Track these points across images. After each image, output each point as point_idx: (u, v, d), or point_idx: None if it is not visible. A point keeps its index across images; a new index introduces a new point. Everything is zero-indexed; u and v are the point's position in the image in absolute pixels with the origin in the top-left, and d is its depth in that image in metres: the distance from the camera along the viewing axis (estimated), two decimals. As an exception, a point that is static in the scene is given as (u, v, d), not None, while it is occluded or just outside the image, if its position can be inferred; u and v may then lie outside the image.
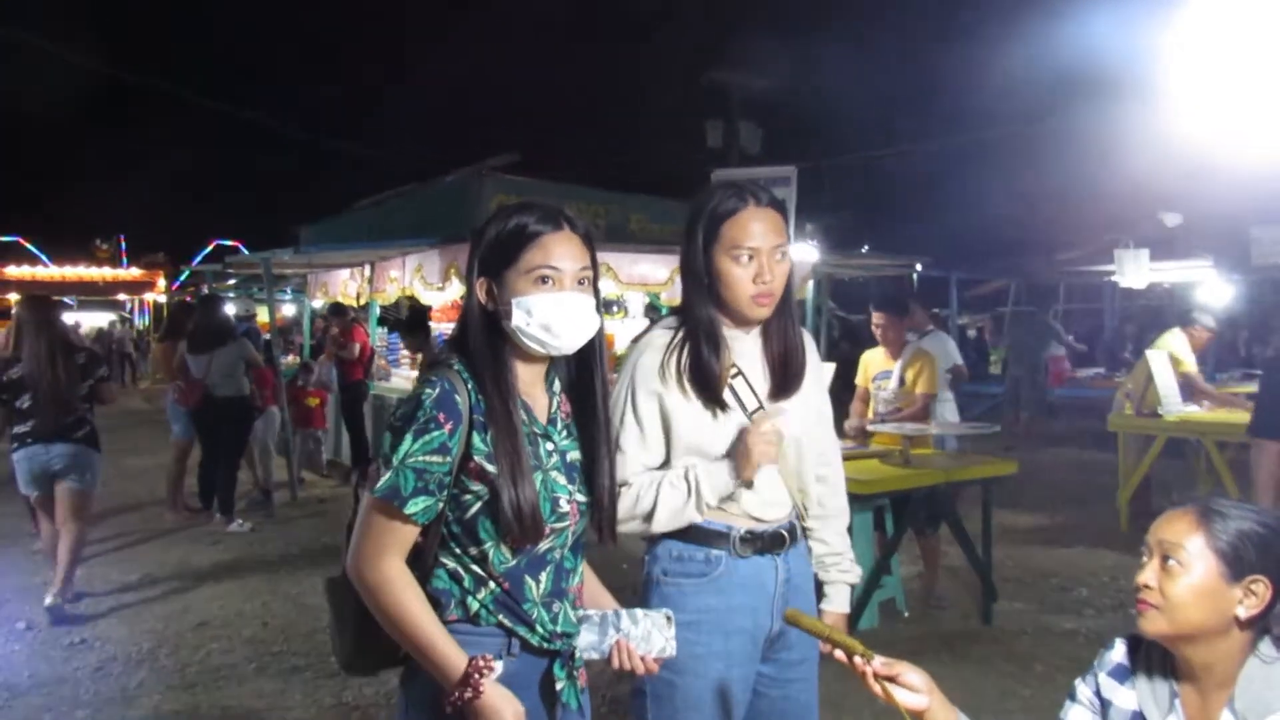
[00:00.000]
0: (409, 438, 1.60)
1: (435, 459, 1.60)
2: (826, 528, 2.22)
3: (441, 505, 1.63)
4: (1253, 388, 8.45)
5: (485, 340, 1.68)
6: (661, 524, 1.99)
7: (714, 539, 2.04)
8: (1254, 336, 14.79)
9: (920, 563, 5.60)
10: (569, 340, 1.70)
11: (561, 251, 1.68)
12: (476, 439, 1.64)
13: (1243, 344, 14.52)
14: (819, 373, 2.21)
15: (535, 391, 1.76)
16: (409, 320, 7.82)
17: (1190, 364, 7.08)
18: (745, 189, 2.01)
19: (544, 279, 1.67)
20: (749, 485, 1.99)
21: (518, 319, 1.67)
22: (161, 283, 28.00)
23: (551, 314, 1.66)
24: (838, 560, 2.23)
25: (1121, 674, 1.63)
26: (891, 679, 1.51)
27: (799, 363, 2.10)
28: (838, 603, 2.24)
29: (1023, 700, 4.14)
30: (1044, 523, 7.49)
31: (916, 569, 5.68)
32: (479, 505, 1.65)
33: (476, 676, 1.57)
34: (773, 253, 1.99)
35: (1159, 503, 7.36)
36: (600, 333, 1.79)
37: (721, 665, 2.02)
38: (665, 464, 2.05)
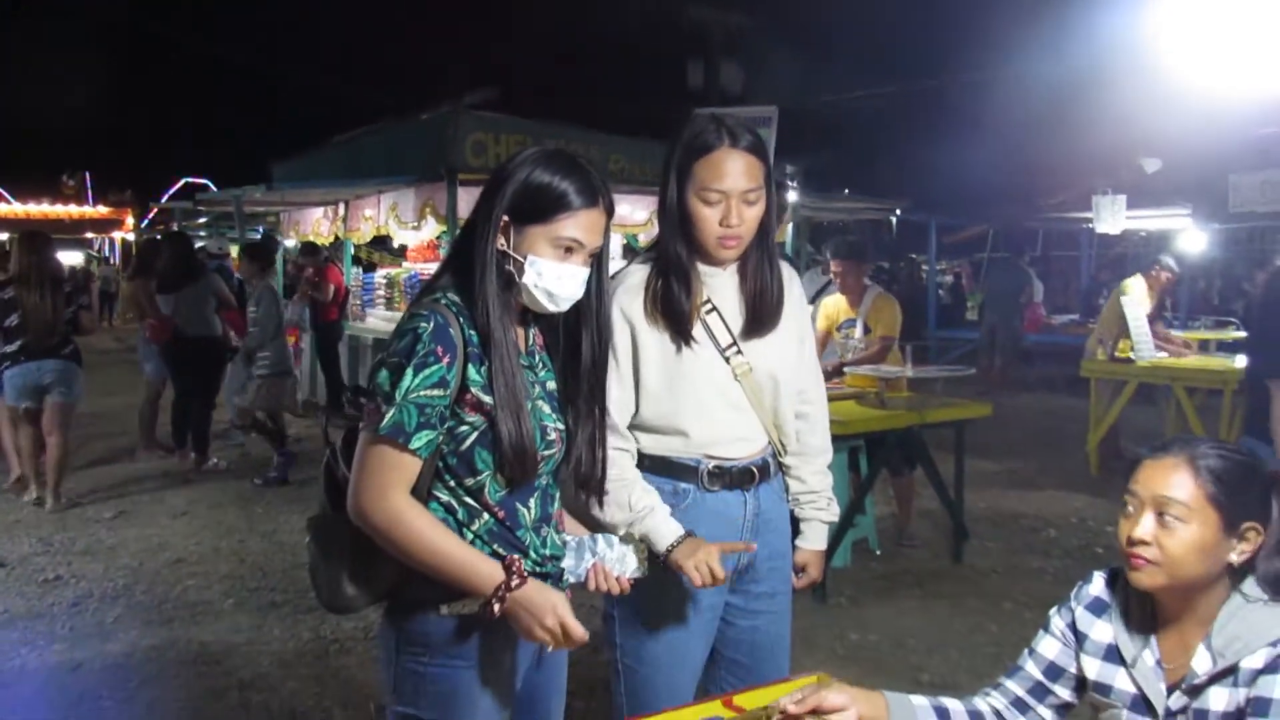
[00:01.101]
0: (409, 373, 1.58)
1: (436, 393, 1.59)
2: (804, 466, 2.23)
3: (440, 438, 1.63)
4: (1225, 335, 8.56)
5: (496, 278, 1.67)
6: (608, 516, 1.99)
7: (682, 472, 2.05)
8: (1228, 285, 14.94)
9: (894, 503, 5.68)
10: (561, 307, 1.73)
11: (590, 228, 1.70)
12: (472, 371, 1.63)
13: (1216, 293, 14.67)
14: (801, 308, 2.19)
15: (514, 323, 1.76)
16: (254, 247, 7.66)
17: (1146, 307, 7.14)
18: (725, 126, 1.98)
19: (568, 249, 1.68)
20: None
21: (529, 276, 1.67)
22: (130, 221, 27.52)
23: (559, 284, 1.69)
24: (813, 499, 2.24)
25: (1098, 607, 1.64)
26: (814, 711, 1.51)
27: (775, 301, 2.08)
28: (812, 540, 2.26)
29: (990, 636, 4.23)
30: (1015, 466, 7.60)
31: (890, 509, 5.76)
32: (474, 436, 1.65)
33: (516, 578, 1.60)
34: (743, 196, 1.96)
35: (1127, 448, 7.48)
36: (603, 292, 1.80)
37: (687, 594, 2.04)
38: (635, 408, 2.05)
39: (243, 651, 4.06)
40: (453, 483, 1.67)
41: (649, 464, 2.05)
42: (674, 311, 2.01)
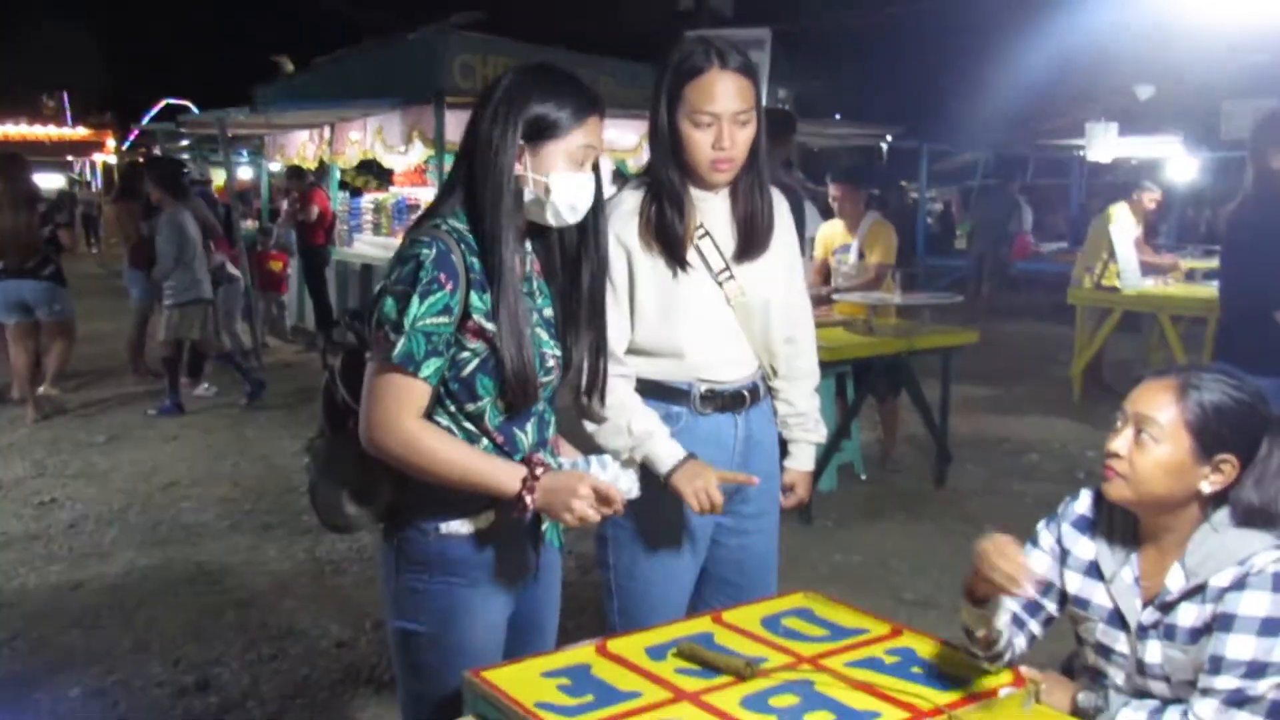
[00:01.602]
0: (415, 301, 1.60)
1: (441, 320, 1.61)
2: (793, 388, 2.26)
3: (446, 365, 1.66)
4: (1211, 264, 8.58)
5: (512, 206, 1.68)
6: (608, 441, 2.02)
7: (675, 395, 2.08)
8: (1215, 215, 14.91)
9: (879, 429, 5.75)
10: (580, 217, 1.74)
11: (597, 131, 1.72)
12: (474, 298, 1.65)
13: (1204, 222, 14.65)
14: (791, 233, 2.21)
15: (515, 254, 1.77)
16: (161, 172, 7.37)
17: (1134, 232, 7.17)
18: (714, 47, 1.96)
19: (581, 159, 1.70)
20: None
21: (557, 194, 1.68)
22: (111, 143, 27.02)
23: (579, 194, 1.71)
24: (801, 420, 2.28)
25: (1083, 525, 1.69)
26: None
27: (765, 225, 2.10)
28: (801, 460, 2.31)
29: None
30: (1000, 392, 7.69)
31: (875, 435, 5.84)
32: (476, 363, 1.67)
33: (539, 468, 1.65)
34: (735, 118, 1.95)
35: (1110, 375, 7.57)
36: (601, 199, 1.81)
37: (678, 514, 2.09)
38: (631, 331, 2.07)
39: (239, 572, 4.14)
40: (453, 408, 1.70)
41: (641, 388, 2.07)
42: (668, 237, 2.02)
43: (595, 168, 1.75)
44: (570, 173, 1.69)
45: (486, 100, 1.70)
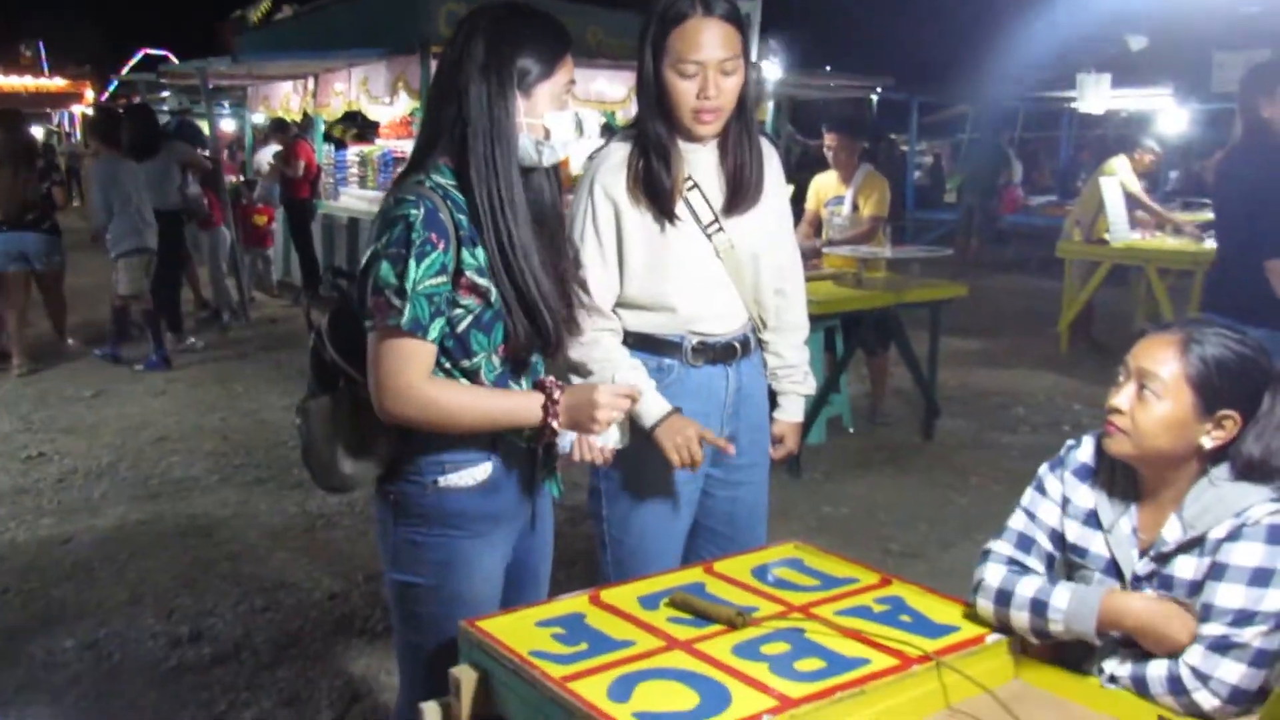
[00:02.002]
0: (413, 264, 1.58)
1: (439, 280, 1.60)
2: (782, 341, 2.26)
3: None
4: (1201, 217, 8.59)
5: (506, 152, 1.66)
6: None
7: (666, 348, 2.08)
8: (1202, 168, 14.88)
9: (867, 382, 5.78)
10: (564, 153, 1.76)
11: (573, 67, 1.74)
12: (466, 254, 1.63)
13: (1191, 175, 14.63)
14: (780, 185, 2.19)
15: None
16: (102, 122, 7.17)
17: (1135, 186, 7.16)
18: None
19: (563, 97, 1.72)
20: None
21: (557, 134, 1.70)
22: (89, 94, 26.56)
23: (570, 131, 1.72)
24: (790, 372, 2.28)
25: (1085, 473, 1.68)
26: None
27: (754, 176, 2.07)
28: (790, 412, 2.32)
29: (959, 508, 4.38)
30: (988, 345, 7.72)
31: (864, 388, 5.87)
32: (470, 319, 1.67)
33: (555, 390, 1.68)
34: (719, 66, 1.93)
35: (1098, 329, 7.61)
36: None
37: (669, 466, 2.09)
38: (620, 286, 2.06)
39: (231, 525, 4.15)
40: (448, 365, 1.69)
41: (633, 341, 2.07)
42: (657, 190, 2.00)
43: None
44: (557, 111, 1.70)
45: (465, 52, 1.65)
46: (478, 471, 1.72)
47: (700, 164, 2.05)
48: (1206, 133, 12.44)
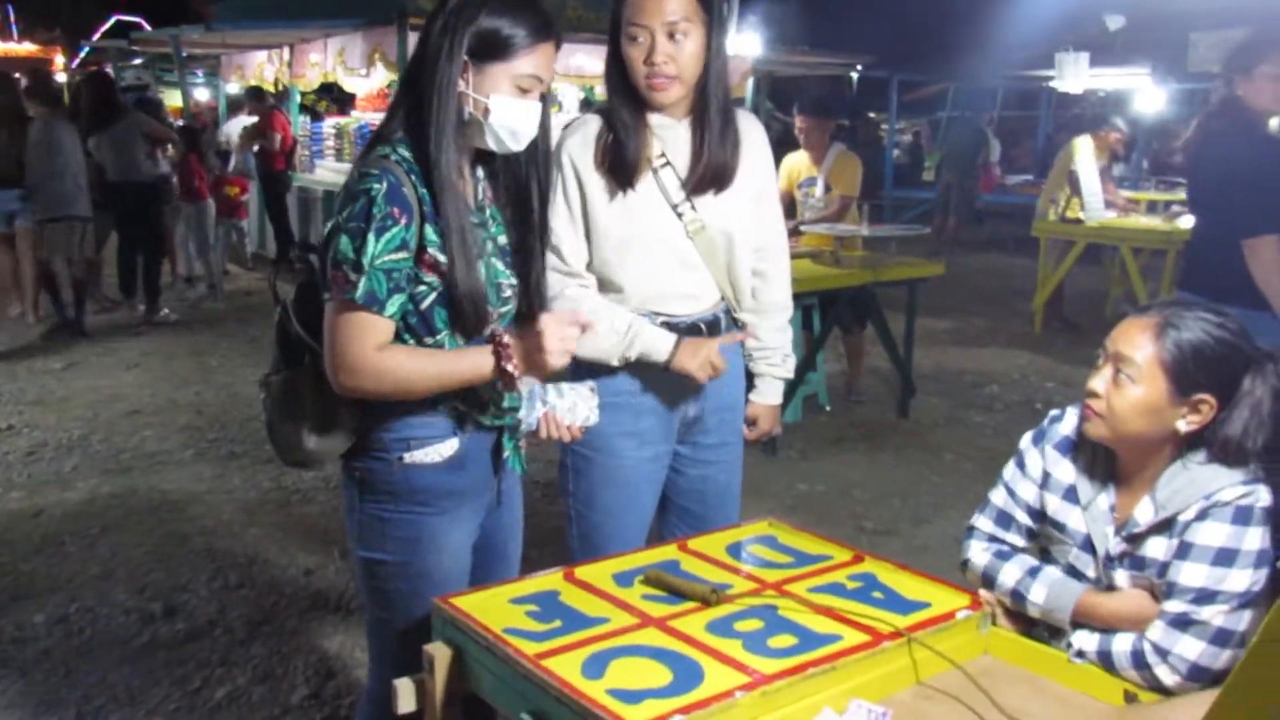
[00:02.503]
0: (372, 238, 1.56)
1: (400, 255, 1.59)
2: (762, 322, 2.24)
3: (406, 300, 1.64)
4: (1174, 196, 8.66)
5: (455, 124, 1.63)
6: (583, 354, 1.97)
7: None
8: (1170, 149, 14.96)
9: (844, 360, 5.80)
10: (522, 145, 1.71)
11: (548, 62, 1.68)
12: (429, 230, 1.62)
13: (1165, 153, 14.72)
14: (763, 162, 2.15)
15: (462, 179, 1.73)
16: (36, 87, 7.00)
17: (1092, 165, 7.21)
18: None
19: (526, 88, 1.66)
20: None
21: (495, 116, 1.64)
22: (60, 60, 26.05)
23: (522, 121, 1.67)
24: (768, 354, 2.27)
25: (1066, 446, 1.69)
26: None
27: (726, 155, 2.03)
28: (766, 394, 2.30)
29: (932, 486, 4.42)
30: (963, 324, 7.77)
31: (840, 366, 5.89)
32: (434, 296, 1.65)
33: (504, 340, 1.63)
34: (668, 29, 1.88)
35: (1072, 308, 7.67)
36: (547, 128, 1.77)
37: (634, 443, 2.10)
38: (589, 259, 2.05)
39: (205, 500, 4.13)
40: (412, 341, 1.68)
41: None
42: (621, 164, 1.97)
43: (543, 97, 1.71)
44: (513, 98, 1.65)
45: (438, 12, 1.64)
46: (444, 447, 1.71)
47: (675, 140, 2.02)
48: (1183, 111, 12.52)
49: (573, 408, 1.88)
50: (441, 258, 1.63)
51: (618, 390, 2.06)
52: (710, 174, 2.02)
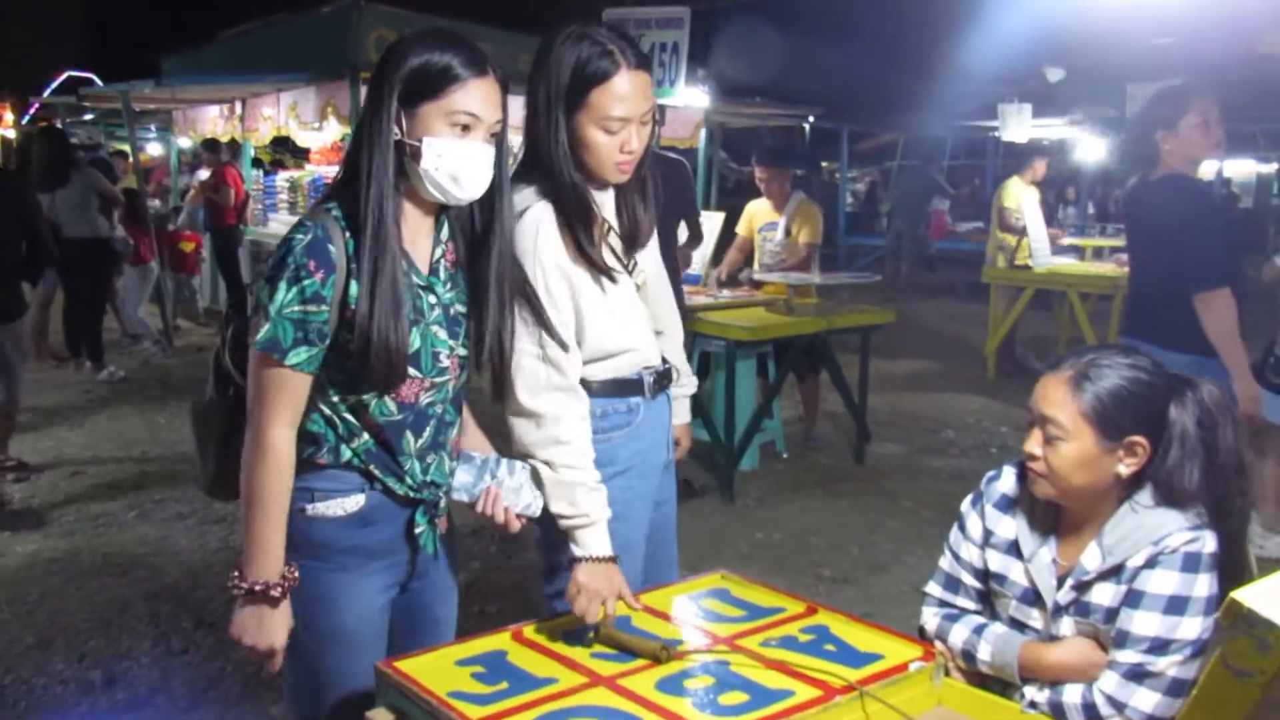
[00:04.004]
0: (282, 287, 1.54)
1: (311, 308, 1.55)
2: (668, 344, 2.21)
3: (324, 353, 1.59)
4: (1117, 242, 8.86)
5: (390, 172, 1.59)
6: (546, 492, 1.87)
7: (632, 388, 2.04)
8: (1114, 198, 15.40)
9: (800, 407, 5.82)
10: (470, 192, 1.64)
11: (484, 98, 1.61)
12: (355, 288, 1.58)
13: (1113, 201, 15.12)
14: (651, 201, 2.12)
15: (419, 239, 1.70)
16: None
17: (1020, 204, 7.44)
18: (612, 47, 1.85)
19: (464, 126, 1.60)
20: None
21: (428, 161, 1.59)
22: (9, 117, 25.79)
23: (461, 164, 1.61)
24: (677, 376, 2.25)
25: (1005, 504, 1.70)
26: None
27: (649, 208, 2.06)
28: (681, 414, 2.29)
29: (889, 532, 4.42)
30: (917, 370, 7.85)
31: (796, 413, 5.91)
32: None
33: (277, 589, 1.58)
34: (641, 119, 1.90)
35: (1025, 350, 7.79)
36: (506, 179, 1.73)
37: (649, 505, 2.08)
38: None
39: (149, 563, 4.01)
40: (336, 398, 1.64)
41: (598, 388, 2.00)
42: (588, 245, 1.93)
43: (499, 144, 1.67)
44: (450, 139, 1.59)
45: (378, 65, 1.63)
46: (349, 502, 1.66)
47: (606, 206, 2.02)
48: (1123, 161, 12.88)
49: (518, 490, 1.77)
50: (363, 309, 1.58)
51: (633, 454, 2.02)
52: (641, 228, 2.04)
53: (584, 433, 1.90)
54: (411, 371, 1.64)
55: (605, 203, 2.03)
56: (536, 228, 1.91)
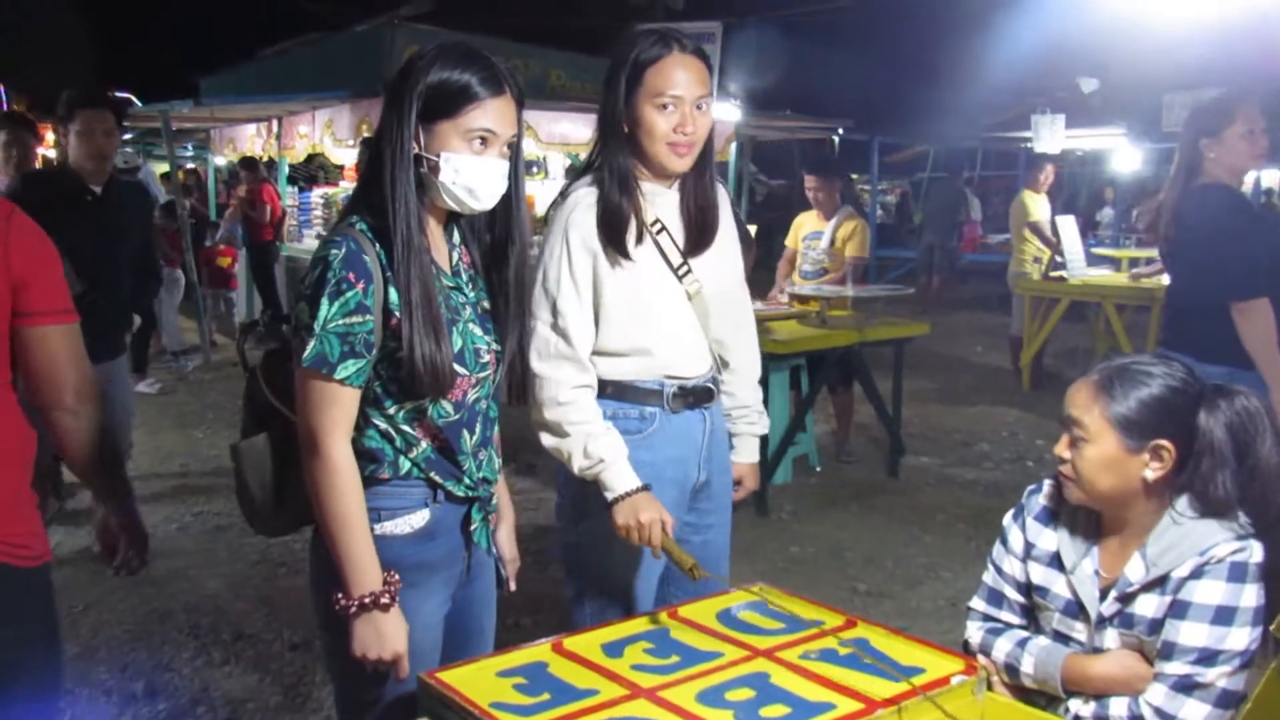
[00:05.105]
0: (325, 303, 1.56)
1: (356, 319, 1.58)
2: (738, 380, 2.26)
3: (371, 365, 1.62)
4: (1152, 253, 8.77)
5: (412, 185, 1.63)
6: (564, 457, 1.99)
7: (648, 396, 2.07)
8: (1144, 209, 15.21)
9: (833, 420, 5.80)
10: (484, 203, 1.69)
11: (500, 116, 1.65)
12: (394, 295, 1.61)
13: (1137, 215, 14.94)
14: (728, 227, 2.20)
15: (437, 244, 1.74)
16: None
17: (1041, 216, 7.47)
18: (670, 35, 1.99)
19: (481, 140, 1.64)
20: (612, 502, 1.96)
21: (445, 174, 1.63)
22: (51, 136, 26.30)
23: (477, 177, 1.65)
24: (745, 413, 2.29)
25: (1046, 517, 1.70)
26: None
27: (715, 218, 2.10)
28: (745, 454, 2.31)
29: (924, 546, 4.39)
30: (950, 382, 7.79)
31: (829, 426, 5.89)
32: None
33: (386, 597, 1.60)
34: (695, 103, 1.97)
35: (1059, 364, 7.71)
36: (520, 187, 1.77)
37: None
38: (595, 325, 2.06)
39: (189, 575, 4.07)
40: (392, 408, 1.66)
41: (612, 390, 2.05)
42: (620, 227, 2.00)
43: (514, 156, 1.70)
44: (467, 155, 1.63)
45: (395, 80, 1.66)
46: (414, 519, 1.69)
47: (665, 206, 2.07)
48: (1160, 171, 12.75)
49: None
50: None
51: (639, 463, 2.02)
52: (704, 235, 2.08)
53: (585, 395, 1.99)
54: (458, 369, 1.67)
55: (665, 203, 2.06)
56: (574, 205, 2.01)
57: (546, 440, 2.01)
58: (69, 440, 1.77)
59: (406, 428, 1.68)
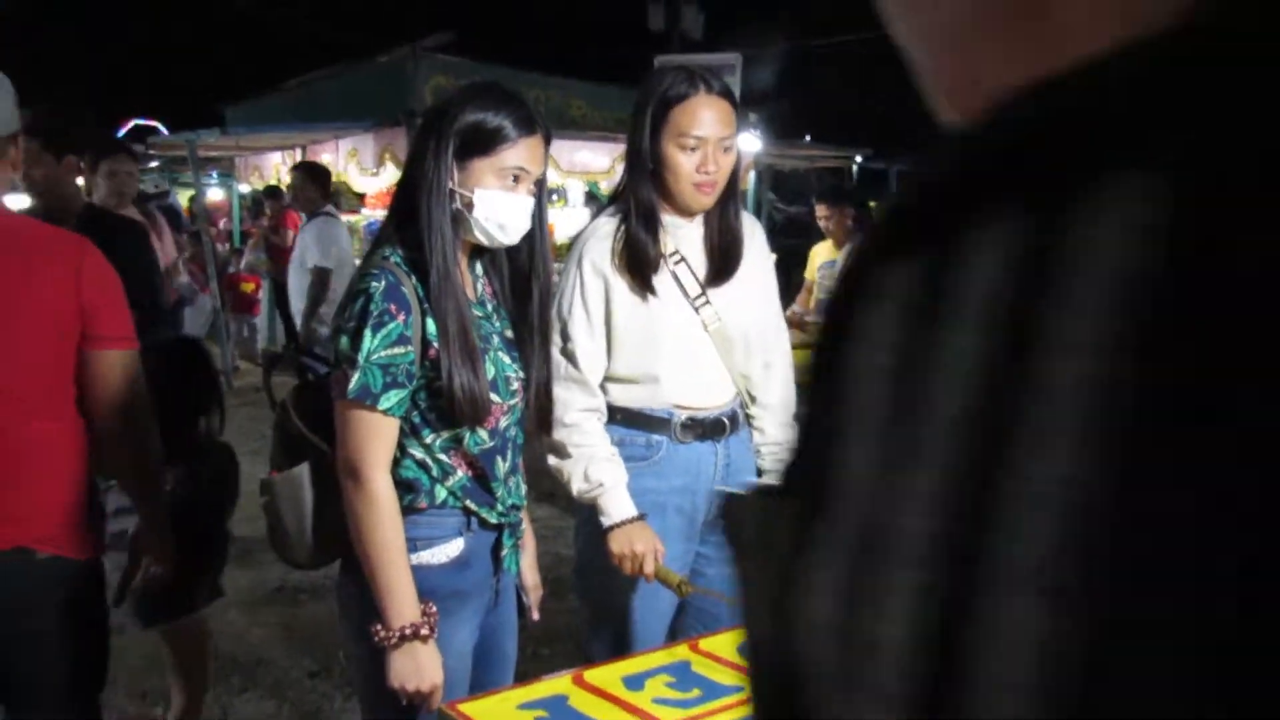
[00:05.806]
0: (368, 334, 1.59)
1: (398, 350, 1.61)
2: (768, 416, 2.25)
3: (410, 396, 1.65)
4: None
5: (448, 219, 1.67)
6: (564, 478, 2.03)
7: (655, 425, 2.07)
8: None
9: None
10: (512, 238, 1.74)
11: (532, 154, 1.71)
12: (431, 326, 1.64)
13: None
14: (764, 258, 2.22)
15: (464, 274, 1.77)
16: None
17: None
18: (697, 75, 2.01)
19: (515, 178, 1.69)
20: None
21: (479, 210, 1.68)
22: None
23: (508, 214, 1.70)
24: (775, 450, 2.27)
25: None
26: None
27: (738, 251, 2.12)
28: None
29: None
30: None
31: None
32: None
33: (426, 629, 1.63)
34: (719, 143, 1.99)
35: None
36: (544, 221, 1.81)
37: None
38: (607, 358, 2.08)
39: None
40: (430, 438, 1.69)
41: (621, 417, 2.06)
42: (642, 260, 2.02)
43: (539, 192, 1.75)
44: (499, 191, 1.68)
45: (426, 114, 1.73)
46: (450, 548, 1.71)
47: (686, 238, 2.09)
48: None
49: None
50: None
51: (644, 490, 2.04)
52: (725, 268, 2.10)
53: (590, 420, 2.01)
54: (493, 397, 1.70)
55: (686, 235, 2.08)
56: (591, 234, 2.05)
57: (550, 460, 2.04)
58: (118, 456, 1.98)
59: (443, 456, 1.70)
